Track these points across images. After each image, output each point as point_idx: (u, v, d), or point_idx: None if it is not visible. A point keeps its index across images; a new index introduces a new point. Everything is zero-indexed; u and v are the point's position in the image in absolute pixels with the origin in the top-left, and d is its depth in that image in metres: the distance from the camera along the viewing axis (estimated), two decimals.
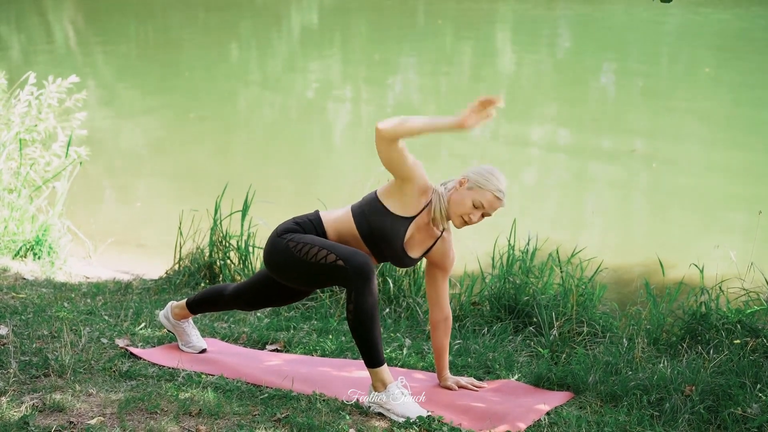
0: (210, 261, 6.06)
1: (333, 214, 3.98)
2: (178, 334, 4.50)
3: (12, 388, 3.81)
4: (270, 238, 3.99)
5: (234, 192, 6.42)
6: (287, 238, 3.90)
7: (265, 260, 3.98)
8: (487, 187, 3.84)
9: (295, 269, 3.87)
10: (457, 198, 3.88)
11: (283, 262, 3.89)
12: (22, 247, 6.64)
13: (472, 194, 3.85)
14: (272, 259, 3.94)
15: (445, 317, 4.16)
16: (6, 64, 15.32)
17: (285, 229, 3.95)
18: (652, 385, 4.08)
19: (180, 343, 4.51)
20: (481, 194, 3.85)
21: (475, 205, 3.86)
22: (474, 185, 3.85)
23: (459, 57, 17.28)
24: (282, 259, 3.89)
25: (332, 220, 3.96)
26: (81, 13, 23.38)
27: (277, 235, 3.95)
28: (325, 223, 3.95)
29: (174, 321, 4.48)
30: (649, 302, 5.06)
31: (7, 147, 7.12)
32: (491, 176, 3.86)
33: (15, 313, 4.99)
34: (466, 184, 3.87)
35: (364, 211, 3.91)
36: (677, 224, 8.21)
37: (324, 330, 4.97)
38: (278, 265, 3.92)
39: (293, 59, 17.45)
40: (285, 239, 3.91)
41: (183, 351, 4.48)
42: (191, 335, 4.50)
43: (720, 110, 12.68)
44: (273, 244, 3.94)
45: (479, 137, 11.46)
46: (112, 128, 11.63)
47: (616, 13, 20.98)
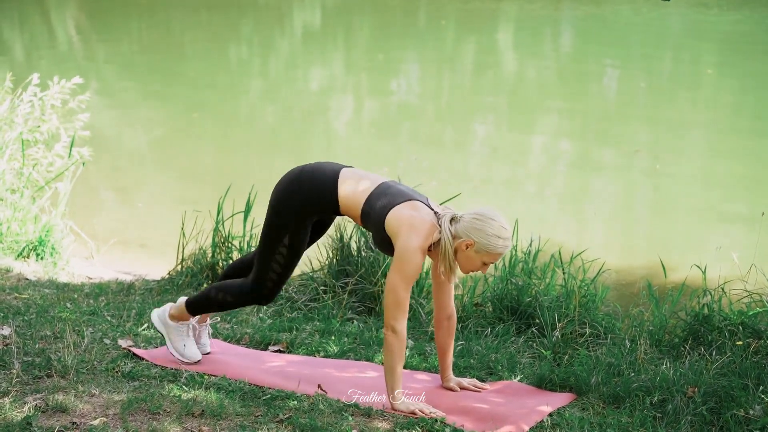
0: (212, 262, 6.07)
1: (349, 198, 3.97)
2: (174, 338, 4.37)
3: (15, 389, 3.82)
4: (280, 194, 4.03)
5: (236, 192, 6.42)
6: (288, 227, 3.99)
7: (274, 199, 4.06)
8: (496, 250, 3.83)
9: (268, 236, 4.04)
10: (465, 260, 3.87)
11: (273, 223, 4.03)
12: (24, 247, 6.64)
13: (480, 257, 3.85)
14: (276, 199, 4.04)
15: (449, 316, 4.16)
16: (9, 65, 15.34)
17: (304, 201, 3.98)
18: (655, 386, 4.08)
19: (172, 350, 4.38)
20: (489, 256, 3.85)
21: (485, 263, 3.88)
22: (481, 249, 3.82)
23: (461, 57, 17.28)
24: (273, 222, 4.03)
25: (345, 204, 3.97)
26: (84, 14, 23.39)
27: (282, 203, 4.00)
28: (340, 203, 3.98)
29: (174, 323, 4.41)
30: (651, 304, 5.06)
31: (10, 147, 7.13)
32: (496, 238, 3.81)
33: (18, 313, 4.99)
34: (473, 247, 3.83)
35: (369, 219, 3.94)
36: (679, 226, 8.21)
37: (326, 331, 4.97)
38: (271, 219, 4.05)
39: (296, 59, 17.45)
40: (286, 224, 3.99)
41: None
42: (200, 340, 4.46)
43: (723, 112, 12.67)
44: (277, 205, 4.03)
45: (482, 138, 11.46)
46: (115, 129, 11.64)
47: (619, 14, 20.97)
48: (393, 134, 11.52)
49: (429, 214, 3.89)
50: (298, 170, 4.05)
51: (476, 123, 12.13)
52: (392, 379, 3.90)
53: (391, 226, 3.86)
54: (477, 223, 3.83)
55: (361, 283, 5.46)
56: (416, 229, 3.82)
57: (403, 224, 3.83)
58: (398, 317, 3.85)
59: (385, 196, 3.92)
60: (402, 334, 3.86)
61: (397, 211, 3.87)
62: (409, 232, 3.82)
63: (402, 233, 3.82)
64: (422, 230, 3.83)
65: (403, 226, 3.83)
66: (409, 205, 3.89)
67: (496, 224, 3.83)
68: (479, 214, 3.85)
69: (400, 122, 12.20)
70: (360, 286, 5.46)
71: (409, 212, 3.86)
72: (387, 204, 3.89)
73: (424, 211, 3.89)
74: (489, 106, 13.11)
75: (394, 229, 3.85)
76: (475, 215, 3.85)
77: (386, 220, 3.87)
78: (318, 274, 5.67)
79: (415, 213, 3.86)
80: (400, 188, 3.97)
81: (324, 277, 5.60)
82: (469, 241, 3.82)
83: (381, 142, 11.16)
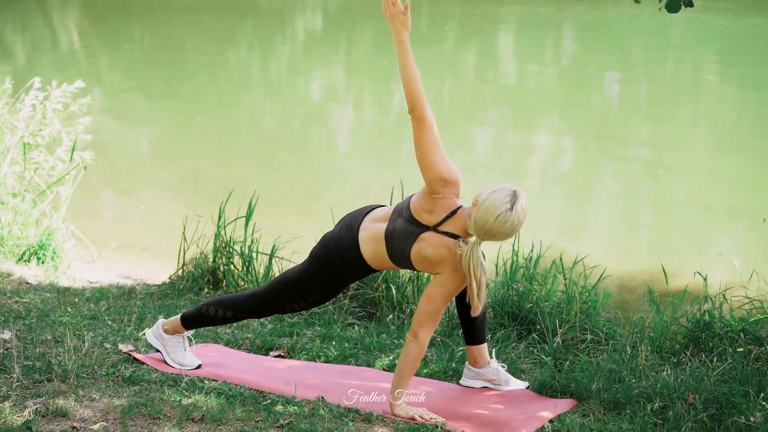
0: (213, 266, 6.06)
1: (368, 246, 3.97)
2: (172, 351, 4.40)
3: (15, 393, 3.82)
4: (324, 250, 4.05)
5: (238, 197, 6.42)
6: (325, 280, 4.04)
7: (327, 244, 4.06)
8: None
9: (304, 278, 4.09)
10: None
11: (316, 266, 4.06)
12: (26, 251, 6.64)
13: None
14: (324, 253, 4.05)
15: None
16: (11, 68, 15.36)
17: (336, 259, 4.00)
18: (656, 393, 4.08)
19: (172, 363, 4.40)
20: None
21: None
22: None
23: (463, 62, 17.29)
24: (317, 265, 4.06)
25: (368, 254, 3.97)
26: (86, 17, 23.42)
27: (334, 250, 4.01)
28: (365, 257, 3.98)
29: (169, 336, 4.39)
30: (652, 310, 5.06)
31: (12, 151, 7.13)
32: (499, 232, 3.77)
33: (18, 317, 4.99)
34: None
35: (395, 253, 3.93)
36: (680, 232, 8.21)
37: (327, 336, 4.97)
38: (314, 262, 4.07)
39: (297, 64, 17.47)
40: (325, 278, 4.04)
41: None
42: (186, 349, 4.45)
43: (724, 118, 12.68)
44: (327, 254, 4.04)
45: (484, 144, 11.46)
46: (117, 132, 11.64)
47: (620, 20, 20.99)
48: (394, 139, 11.52)
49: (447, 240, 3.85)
50: (326, 239, 4.08)
51: (477, 127, 12.13)
52: (399, 381, 3.91)
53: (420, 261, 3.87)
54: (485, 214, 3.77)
55: (362, 289, 5.46)
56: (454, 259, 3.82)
57: (436, 263, 3.84)
58: (426, 325, 3.88)
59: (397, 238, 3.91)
60: (424, 343, 3.89)
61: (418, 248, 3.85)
62: (453, 262, 3.82)
63: (448, 262, 3.82)
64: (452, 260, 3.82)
65: (447, 255, 3.82)
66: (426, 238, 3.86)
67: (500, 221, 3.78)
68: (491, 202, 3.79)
69: (401, 127, 12.20)
70: (361, 292, 5.45)
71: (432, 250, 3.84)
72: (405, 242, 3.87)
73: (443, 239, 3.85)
74: (490, 111, 13.11)
75: (425, 264, 3.87)
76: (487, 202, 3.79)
77: (411, 256, 3.88)
78: None
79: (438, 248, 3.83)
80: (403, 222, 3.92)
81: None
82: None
83: (382, 147, 11.16)
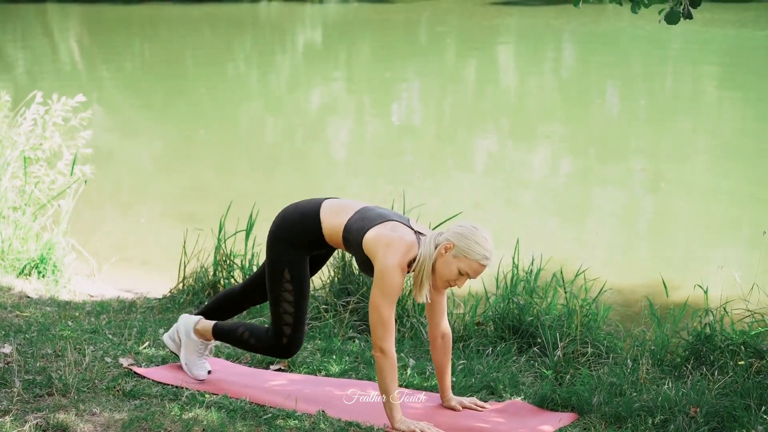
0: (214, 280, 6.06)
1: (330, 224, 4.05)
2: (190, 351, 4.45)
3: (16, 407, 3.81)
4: (272, 234, 4.14)
5: (238, 210, 6.42)
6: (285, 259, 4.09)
7: (267, 244, 4.16)
8: (473, 256, 3.83)
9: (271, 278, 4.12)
10: (443, 265, 3.87)
11: (272, 266, 4.12)
12: (26, 265, 6.64)
13: (457, 262, 3.85)
14: (270, 255, 4.14)
15: (443, 334, 4.16)
16: (12, 82, 15.39)
17: (287, 238, 4.09)
18: (657, 406, 4.07)
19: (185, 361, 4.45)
20: (466, 263, 3.84)
21: (461, 272, 3.87)
22: (460, 253, 3.83)
23: (463, 74, 17.32)
24: (273, 265, 4.11)
25: (328, 231, 4.05)
26: (86, 31, 23.47)
27: (277, 240, 4.11)
28: (324, 232, 4.06)
29: (195, 338, 4.44)
30: (653, 323, 5.05)
31: (12, 165, 7.13)
32: (476, 244, 3.83)
33: (19, 331, 4.99)
34: (452, 251, 3.84)
35: (349, 242, 4.00)
36: (681, 244, 8.21)
37: (328, 350, 4.96)
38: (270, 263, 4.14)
39: (297, 77, 17.50)
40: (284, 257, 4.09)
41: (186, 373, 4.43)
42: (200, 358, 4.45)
43: (725, 129, 12.69)
44: (274, 246, 4.13)
45: (484, 156, 11.47)
46: (117, 146, 11.66)
47: (620, 31, 21.02)
48: (394, 152, 11.53)
49: (408, 233, 3.91)
50: (285, 208, 4.19)
51: (477, 140, 12.15)
52: (388, 400, 3.89)
53: (369, 247, 3.90)
54: (459, 229, 3.88)
55: (362, 302, 5.46)
56: (393, 248, 3.84)
57: (380, 244, 3.87)
58: (384, 337, 3.85)
59: (362, 219, 3.97)
60: (390, 353, 3.86)
61: (373, 232, 3.91)
62: (386, 251, 3.84)
63: (379, 252, 3.85)
64: (399, 248, 3.85)
65: (380, 246, 3.86)
66: (385, 226, 3.92)
67: (478, 233, 3.86)
68: (463, 224, 3.92)
69: (401, 140, 12.22)
70: (361, 305, 5.45)
71: (386, 232, 3.89)
72: (364, 226, 3.94)
73: (402, 231, 3.91)
74: (490, 124, 13.13)
75: (371, 249, 3.89)
76: (458, 224, 3.92)
77: (363, 241, 3.91)
78: (319, 292, 5.67)
79: (391, 233, 3.89)
80: (379, 211, 4.01)
81: (325, 295, 5.60)
82: (449, 244, 3.84)
83: (382, 160, 11.17)
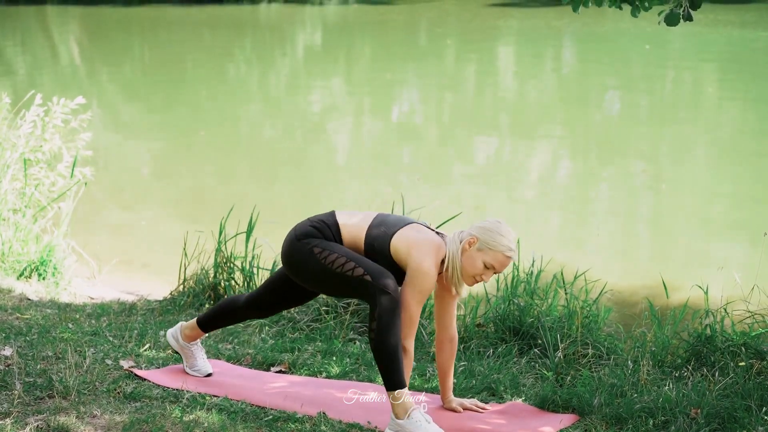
0: (214, 282, 6.06)
1: (349, 226, 4.01)
2: (186, 356, 4.49)
3: (16, 410, 3.81)
4: (289, 241, 4.03)
5: (238, 212, 6.42)
6: (311, 243, 3.95)
7: (285, 262, 4.05)
8: (497, 248, 3.89)
9: (319, 275, 3.94)
10: (467, 260, 3.92)
11: (305, 266, 3.96)
12: (26, 267, 6.64)
13: (482, 255, 3.90)
14: (293, 262, 4.00)
15: (451, 338, 4.18)
16: (12, 84, 15.38)
17: (305, 233, 3.99)
18: (658, 407, 4.07)
19: (186, 365, 4.50)
20: (492, 255, 3.89)
21: (486, 266, 3.91)
22: (484, 246, 3.89)
23: (463, 76, 17.32)
24: (305, 264, 3.96)
25: (348, 234, 4.00)
26: (86, 33, 23.47)
27: (297, 239, 3.99)
28: (342, 232, 4.00)
29: (183, 342, 4.48)
30: (653, 324, 5.05)
31: (12, 167, 7.13)
32: (500, 236, 3.90)
33: (19, 334, 4.99)
34: (476, 245, 3.90)
35: (375, 248, 3.96)
36: (681, 245, 8.21)
37: (328, 351, 4.96)
38: (300, 269, 3.98)
39: (297, 78, 17.50)
40: (308, 244, 3.96)
41: (188, 374, 4.47)
42: (198, 358, 4.49)
43: (726, 130, 12.69)
44: (294, 247, 4.00)
45: (485, 157, 11.47)
46: (117, 148, 11.66)
47: (621, 32, 21.02)
48: (395, 153, 11.53)
49: (432, 234, 3.98)
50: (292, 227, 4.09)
51: (478, 142, 12.15)
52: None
53: (399, 250, 3.91)
54: (482, 223, 3.96)
55: (362, 304, 5.45)
56: (426, 248, 3.88)
57: (411, 245, 3.89)
58: (409, 335, 3.88)
59: (384, 224, 3.99)
60: (411, 353, 3.91)
61: (401, 235, 3.93)
62: (420, 251, 3.87)
63: (413, 253, 3.87)
64: (430, 249, 3.89)
65: (413, 247, 3.88)
66: (411, 228, 3.97)
67: (501, 226, 3.94)
68: (486, 220, 3.98)
69: (401, 142, 12.22)
70: (362, 307, 5.45)
71: (414, 234, 3.93)
72: (388, 230, 3.95)
73: (426, 232, 3.97)
74: (491, 125, 13.13)
75: (402, 251, 3.90)
76: (482, 221, 3.98)
77: (391, 244, 3.92)
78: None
79: (419, 234, 3.93)
80: (397, 217, 4.05)
81: (326, 297, 5.59)
82: (472, 238, 3.89)
83: (382, 161, 11.17)
